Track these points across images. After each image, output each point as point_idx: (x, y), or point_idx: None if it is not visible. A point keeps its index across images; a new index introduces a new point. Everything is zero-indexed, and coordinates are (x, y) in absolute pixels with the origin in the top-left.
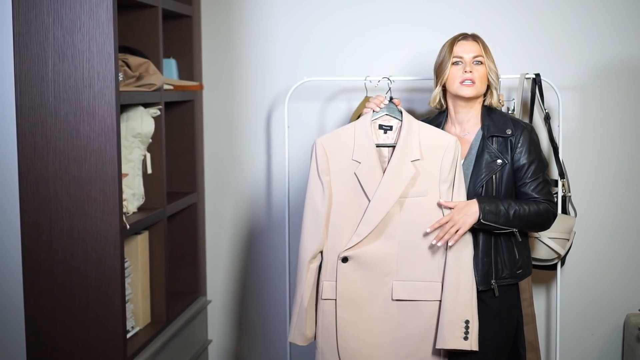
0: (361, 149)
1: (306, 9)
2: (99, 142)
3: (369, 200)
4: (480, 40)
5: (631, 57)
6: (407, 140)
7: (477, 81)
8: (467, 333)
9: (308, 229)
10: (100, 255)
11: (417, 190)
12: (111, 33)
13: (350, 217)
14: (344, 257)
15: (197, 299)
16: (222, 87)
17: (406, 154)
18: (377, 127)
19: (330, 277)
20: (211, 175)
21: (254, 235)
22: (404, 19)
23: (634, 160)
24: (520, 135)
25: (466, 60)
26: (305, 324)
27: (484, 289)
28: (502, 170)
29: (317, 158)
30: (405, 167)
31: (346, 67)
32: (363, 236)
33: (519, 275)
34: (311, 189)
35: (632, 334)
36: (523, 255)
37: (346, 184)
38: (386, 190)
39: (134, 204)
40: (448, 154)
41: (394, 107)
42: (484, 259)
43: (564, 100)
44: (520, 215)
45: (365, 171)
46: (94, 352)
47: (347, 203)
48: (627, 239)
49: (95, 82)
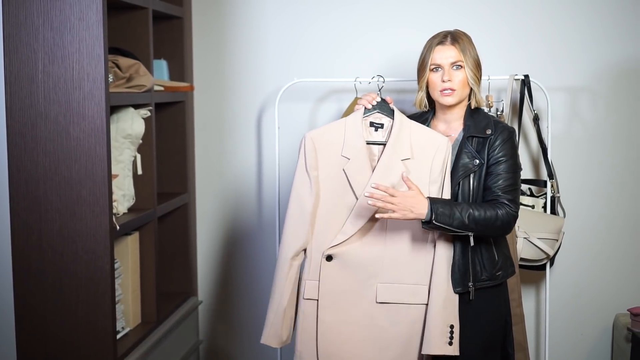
0: (351, 146)
1: (297, 11)
2: (89, 143)
3: (357, 198)
4: (461, 41)
5: (619, 58)
6: (398, 139)
7: (456, 88)
8: (451, 338)
9: (292, 224)
10: (90, 256)
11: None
12: (101, 35)
13: (336, 214)
14: (328, 255)
15: (188, 300)
16: (212, 88)
17: (396, 153)
18: (369, 124)
19: (314, 276)
20: (202, 176)
21: (245, 235)
22: (394, 20)
23: (622, 161)
24: (498, 135)
25: (445, 67)
26: (281, 324)
27: (461, 291)
28: (479, 171)
29: (305, 153)
30: (395, 166)
31: (336, 68)
32: (349, 235)
33: (498, 277)
34: (298, 184)
35: (621, 334)
36: (502, 256)
37: (334, 180)
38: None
39: (125, 205)
40: (439, 154)
41: (386, 105)
42: (461, 260)
43: (553, 101)
44: (476, 218)
45: (354, 168)
46: (84, 352)
47: (334, 200)
48: (616, 239)
49: (85, 84)
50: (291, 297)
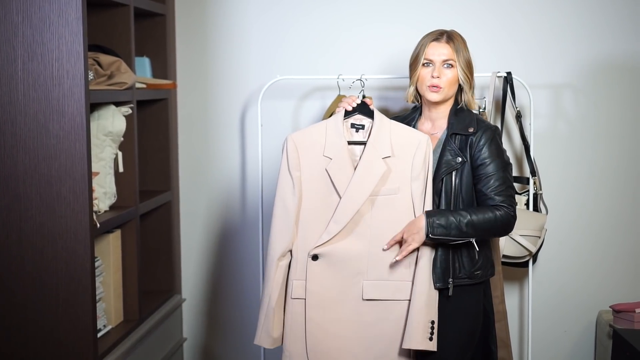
0: (332, 146)
1: (280, 8)
2: (69, 141)
3: (340, 197)
4: (456, 41)
5: (601, 55)
6: (378, 138)
7: (444, 86)
8: (432, 334)
9: (277, 226)
10: (70, 254)
11: (388, 188)
12: (80, 32)
13: (321, 214)
14: (314, 255)
15: (172, 297)
16: (196, 86)
17: (377, 151)
18: (349, 125)
19: (300, 276)
20: (186, 173)
21: (229, 233)
22: (378, 17)
23: (605, 158)
24: (482, 134)
25: (436, 63)
26: (272, 324)
27: (441, 287)
28: (461, 168)
29: (287, 154)
30: (376, 164)
31: (320, 65)
32: (333, 234)
33: (476, 277)
34: (281, 185)
35: (604, 331)
36: (483, 256)
37: (317, 181)
38: (357, 187)
39: (106, 203)
40: (419, 151)
41: (366, 107)
42: (442, 257)
43: (535, 99)
44: (474, 223)
45: (337, 167)
46: (65, 350)
47: (317, 200)
48: (599, 236)
49: (65, 81)
50: (279, 298)
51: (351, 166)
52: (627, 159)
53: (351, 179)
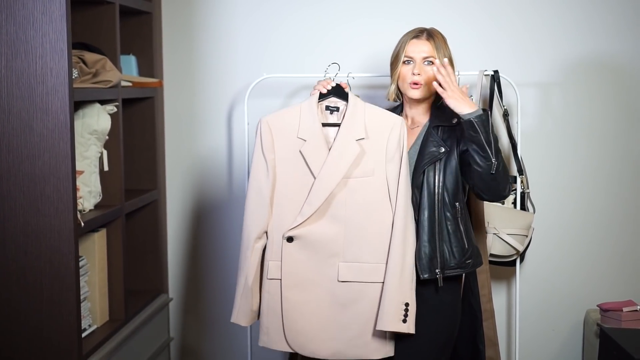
0: (307, 128)
1: (267, 6)
2: (53, 139)
3: (315, 177)
4: (436, 38)
5: (589, 53)
6: (352, 120)
7: (425, 83)
8: (406, 316)
9: (252, 208)
10: (54, 253)
11: (362, 170)
12: (64, 29)
13: (295, 196)
14: (289, 237)
15: (158, 297)
16: (182, 84)
17: (351, 133)
18: (324, 108)
19: (276, 257)
20: (172, 172)
21: (215, 232)
22: (364, 16)
23: (591, 157)
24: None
25: (417, 60)
26: (250, 302)
27: (428, 277)
28: (446, 159)
29: (261, 136)
30: (350, 146)
31: (307, 63)
32: (307, 216)
33: (467, 266)
34: (255, 168)
35: (592, 330)
36: (472, 245)
37: (291, 163)
38: (331, 169)
39: (91, 202)
40: (394, 133)
41: (341, 89)
42: (428, 247)
43: (523, 97)
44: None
45: (311, 149)
46: (49, 350)
47: (292, 182)
48: (586, 235)
49: (49, 79)
50: (255, 278)
51: (326, 148)
52: (614, 157)
53: (325, 160)
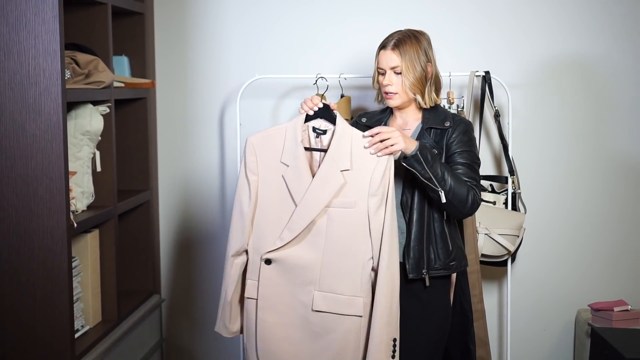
0: (289, 152)
1: (260, 7)
2: (45, 140)
3: (296, 204)
4: (405, 45)
5: (579, 54)
6: (338, 149)
7: (398, 91)
8: (394, 351)
9: (233, 226)
10: (47, 254)
11: (342, 201)
12: (57, 30)
13: (276, 219)
14: (266, 259)
15: (151, 297)
16: (175, 85)
17: (336, 163)
18: (311, 129)
19: (254, 277)
20: (165, 173)
21: (208, 233)
22: (356, 17)
23: (582, 157)
24: (456, 127)
25: (387, 71)
26: (228, 317)
27: (415, 277)
28: None
29: (246, 156)
30: (333, 177)
31: (299, 64)
32: (286, 241)
33: (451, 267)
34: (239, 187)
35: (583, 330)
36: (456, 246)
37: (273, 186)
38: (313, 197)
39: (83, 202)
40: (379, 166)
41: (329, 111)
42: (416, 247)
43: (514, 98)
44: (452, 175)
45: (293, 175)
46: (42, 350)
47: (273, 205)
48: (577, 235)
49: (41, 80)
50: (235, 293)
51: (308, 174)
52: (606, 157)
53: (307, 188)
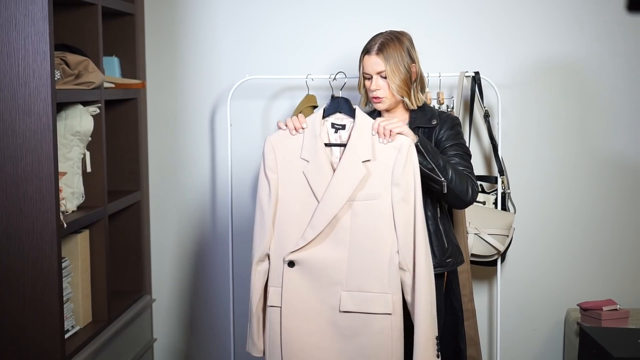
0: (309, 148)
1: (249, 8)
2: (35, 141)
3: (318, 200)
4: (388, 48)
5: (568, 55)
6: (359, 140)
7: (384, 95)
8: (438, 350)
9: (256, 230)
10: (37, 254)
11: (367, 193)
12: (46, 31)
13: (298, 218)
14: (290, 261)
15: (142, 298)
16: (165, 85)
17: (357, 154)
18: (330, 125)
19: (277, 283)
20: (155, 173)
21: (199, 233)
22: (346, 18)
23: (572, 157)
24: (443, 123)
25: (373, 75)
26: (255, 332)
27: None
28: None
29: (264, 155)
30: (355, 168)
31: (289, 65)
32: (309, 239)
33: (448, 264)
34: (259, 188)
35: (572, 329)
36: (452, 243)
37: (295, 184)
38: (335, 191)
39: (74, 203)
40: (400, 155)
41: (347, 104)
42: None
43: (503, 98)
44: (451, 165)
45: (314, 170)
46: (32, 351)
47: (295, 203)
48: (567, 235)
49: (31, 80)
50: (259, 304)
51: (329, 169)
52: (594, 157)
53: (329, 182)
